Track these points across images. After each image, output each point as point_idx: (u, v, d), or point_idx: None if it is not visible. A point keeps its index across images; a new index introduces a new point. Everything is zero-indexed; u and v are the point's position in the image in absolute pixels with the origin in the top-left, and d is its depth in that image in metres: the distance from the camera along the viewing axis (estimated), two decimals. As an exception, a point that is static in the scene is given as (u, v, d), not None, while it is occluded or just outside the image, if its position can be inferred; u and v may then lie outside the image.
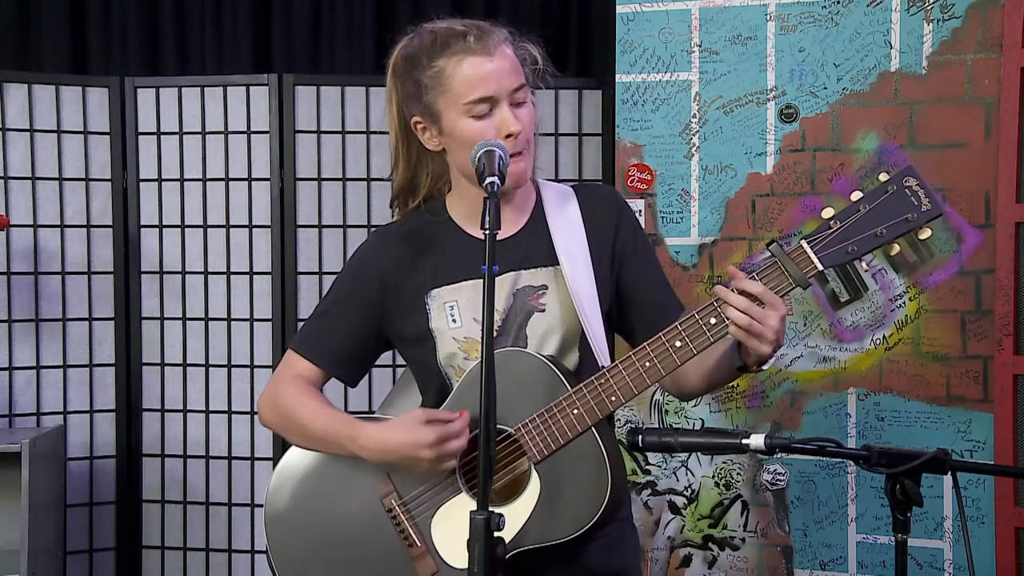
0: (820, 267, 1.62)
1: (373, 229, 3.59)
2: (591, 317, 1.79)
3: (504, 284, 1.82)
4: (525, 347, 1.80)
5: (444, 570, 1.78)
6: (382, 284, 1.87)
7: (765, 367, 1.73)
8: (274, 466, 3.52)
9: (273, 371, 3.52)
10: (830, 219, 1.62)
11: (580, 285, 1.80)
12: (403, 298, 1.85)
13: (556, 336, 1.81)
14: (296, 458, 1.90)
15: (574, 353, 1.84)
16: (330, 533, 1.85)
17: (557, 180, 2.22)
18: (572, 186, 1.93)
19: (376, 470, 1.82)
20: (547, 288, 1.82)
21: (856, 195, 1.62)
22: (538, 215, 1.87)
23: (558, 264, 1.82)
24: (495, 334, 1.79)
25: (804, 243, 1.62)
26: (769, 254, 1.63)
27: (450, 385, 1.83)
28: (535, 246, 1.84)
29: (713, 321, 1.65)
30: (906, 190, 1.60)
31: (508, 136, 1.73)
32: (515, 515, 1.72)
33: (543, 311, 1.81)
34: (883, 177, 1.61)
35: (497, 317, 1.81)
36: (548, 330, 1.81)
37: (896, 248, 1.62)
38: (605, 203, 1.89)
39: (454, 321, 1.81)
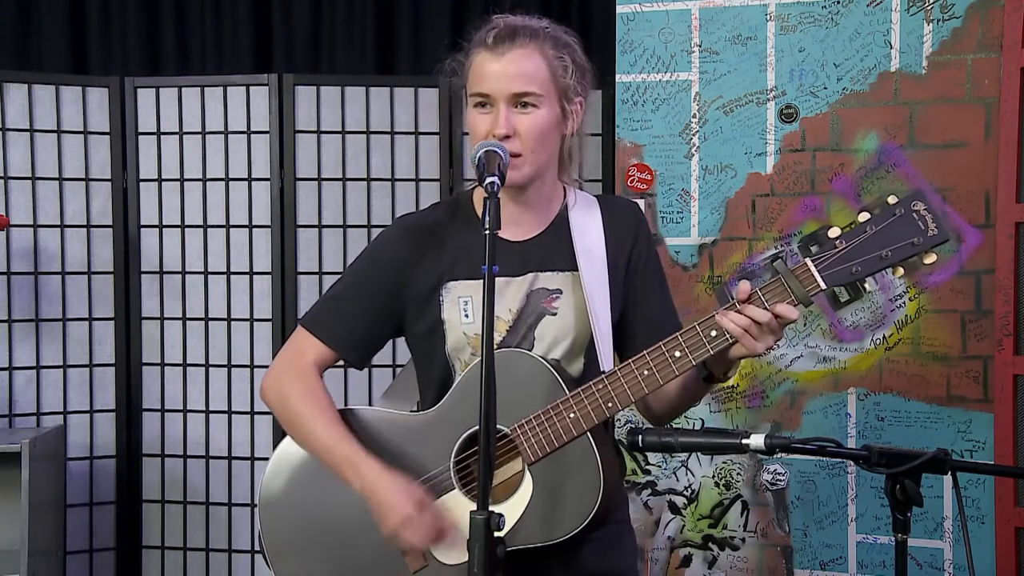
0: (823, 286, 1.63)
1: (383, 224, 3.61)
2: (602, 325, 1.81)
3: (521, 285, 1.83)
4: (532, 349, 1.81)
5: (433, 565, 1.78)
6: (399, 273, 1.87)
7: (731, 377, 1.77)
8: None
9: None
10: (836, 238, 1.62)
11: (595, 292, 1.81)
12: (419, 288, 1.86)
13: (565, 341, 1.82)
14: (294, 446, 1.91)
15: (580, 359, 1.84)
16: (322, 522, 1.86)
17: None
18: (596, 196, 1.94)
19: None
20: (562, 292, 1.83)
21: (863, 216, 1.62)
22: (562, 220, 1.88)
23: (576, 270, 1.83)
24: (505, 333, 1.82)
25: (809, 262, 1.63)
26: (773, 270, 1.64)
27: (454, 376, 1.84)
28: (555, 250, 1.85)
29: (714, 333, 1.67)
30: (914, 214, 1.60)
31: (494, 137, 1.75)
32: (506, 515, 1.72)
33: (555, 315, 1.82)
34: (892, 200, 1.61)
35: (509, 317, 1.82)
36: (558, 334, 1.82)
37: (901, 271, 1.63)
38: (626, 216, 1.91)
39: (466, 316, 1.82)
